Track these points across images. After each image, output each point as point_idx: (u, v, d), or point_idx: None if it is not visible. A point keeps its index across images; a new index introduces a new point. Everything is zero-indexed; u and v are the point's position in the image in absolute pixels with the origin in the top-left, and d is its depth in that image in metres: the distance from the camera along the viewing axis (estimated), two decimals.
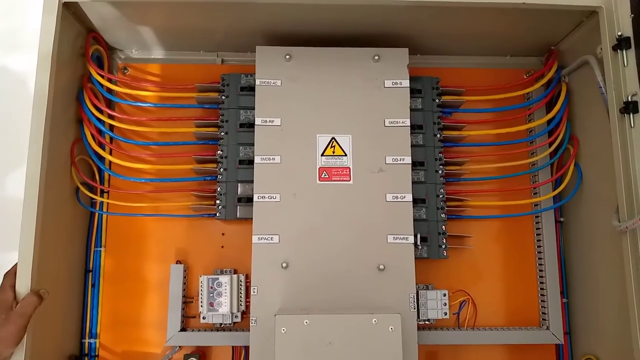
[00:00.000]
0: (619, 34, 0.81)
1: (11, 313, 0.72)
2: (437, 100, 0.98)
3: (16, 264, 0.76)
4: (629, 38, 0.81)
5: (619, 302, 0.82)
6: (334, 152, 0.92)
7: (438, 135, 0.97)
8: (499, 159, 0.99)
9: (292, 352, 0.77)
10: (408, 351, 0.84)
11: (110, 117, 0.96)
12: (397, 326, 0.78)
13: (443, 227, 0.94)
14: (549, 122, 0.99)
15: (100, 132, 0.96)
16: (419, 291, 0.92)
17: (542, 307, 0.98)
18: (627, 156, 0.79)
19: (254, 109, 0.92)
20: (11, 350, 0.72)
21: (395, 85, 0.94)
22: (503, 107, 1.00)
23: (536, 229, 1.00)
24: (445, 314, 0.92)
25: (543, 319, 0.97)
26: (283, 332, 0.78)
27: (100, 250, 0.97)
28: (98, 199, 0.96)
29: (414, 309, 0.86)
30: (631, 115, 0.79)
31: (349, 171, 0.91)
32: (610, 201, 0.83)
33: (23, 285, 0.75)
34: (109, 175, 0.97)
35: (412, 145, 0.93)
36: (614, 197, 0.81)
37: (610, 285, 0.87)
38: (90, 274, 0.96)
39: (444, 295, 0.92)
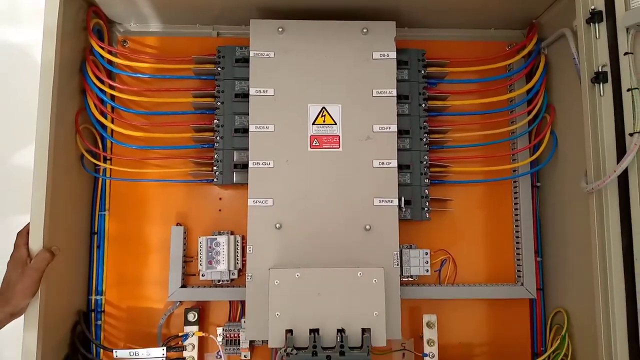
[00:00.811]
0: (592, 7, 0.86)
1: (26, 268, 0.78)
2: (422, 72, 1.03)
3: (28, 224, 0.82)
4: (601, 12, 0.85)
5: (586, 260, 0.89)
6: (324, 121, 0.97)
7: (423, 105, 1.02)
8: (481, 128, 1.05)
9: (284, 302, 0.85)
10: (391, 303, 0.91)
11: (111, 87, 1.01)
12: (380, 279, 0.85)
13: (426, 191, 1.00)
14: (528, 92, 1.04)
15: (102, 101, 1.01)
16: (403, 250, 0.99)
17: (517, 265, 1.05)
18: (595, 123, 0.85)
19: (248, 80, 0.97)
20: (27, 302, 0.79)
21: (382, 57, 0.99)
22: (486, 78, 1.06)
23: (514, 193, 1.07)
24: (427, 270, 0.99)
25: (518, 276, 1.04)
26: (276, 284, 0.85)
27: (105, 214, 1.03)
28: (102, 165, 1.02)
29: (397, 265, 0.94)
30: (601, 84, 0.85)
31: (339, 139, 0.97)
32: (582, 166, 0.89)
33: (36, 243, 0.81)
34: (112, 142, 1.02)
35: (398, 115, 0.99)
36: (585, 162, 0.87)
37: (579, 245, 0.93)
38: (96, 236, 1.03)
39: (426, 254, 0.99)
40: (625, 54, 0.82)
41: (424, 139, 1.01)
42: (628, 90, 0.81)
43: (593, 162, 0.85)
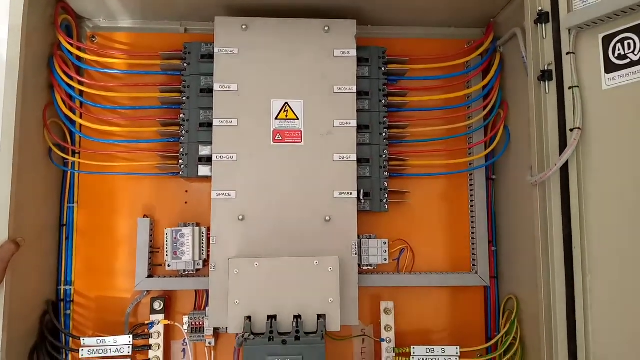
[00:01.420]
0: (540, 9, 0.90)
1: None
2: (383, 69, 1.07)
3: None
4: (547, 13, 0.89)
5: (533, 250, 0.94)
6: (287, 116, 1.01)
7: (383, 101, 1.06)
8: (439, 123, 1.09)
9: (243, 290, 0.88)
10: (349, 291, 0.96)
11: (80, 83, 1.04)
12: (335, 267, 0.90)
13: (385, 183, 1.04)
14: (484, 88, 1.08)
15: (70, 97, 1.03)
16: (362, 240, 1.03)
17: (472, 254, 1.10)
18: (541, 119, 0.90)
19: (213, 76, 1.00)
20: None
21: (343, 55, 1.03)
22: (445, 75, 1.10)
23: (470, 185, 1.11)
24: (385, 259, 1.03)
25: (473, 265, 1.09)
26: (236, 273, 0.89)
27: (74, 207, 1.06)
28: (70, 159, 1.04)
29: (355, 254, 0.98)
30: (547, 82, 0.89)
31: (301, 133, 1.00)
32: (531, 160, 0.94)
33: (0, 234, 0.84)
34: (80, 137, 1.05)
35: (359, 110, 1.03)
36: None
37: (529, 235, 0.98)
38: (65, 228, 1.05)
39: (384, 243, 1.04)
40: (568, 53, 0.86)
41: (384, 134, 1.05)
42: (569, 88, 0.86)
43: (538, 156, 0.90)
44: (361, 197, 1.01)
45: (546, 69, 0.89)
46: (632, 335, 0.76)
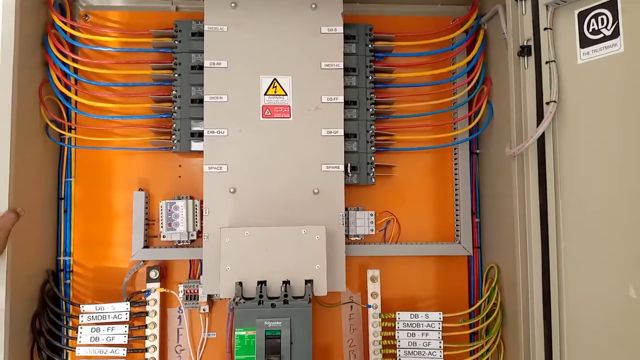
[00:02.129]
0: None
1: None
2: (369, 46, 1.09)
3: None
4: None
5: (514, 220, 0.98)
6: (275, 92, 1.04)
7: (370, 78, 1.09)
8: (425, 99, 1.12)
9: (234, 258, 0.93)
10: (337, 259, 1.00)
11: (74, 60, 1.06)
12: (322, 236, 0.94)
13: (372, 158, 1.08)
14: (468, 64, 1.11)
15: (65, 74, 1.05)
16: (350, 212, 1.07)
17: (456, 225, 1.14)
18: (519, 93, 0.93)
19: (203, 53, 1.03)
20: None
21: (330, 32, 1.05)
22: (430, 52, 1.12)
23: (454, 159, 1.15)
24: (372, 230, 1.07)
25: (457, 235, 1.14)
26: (227, 241, 0.93)
27: (71, 181, 1.09)
28: (66, 134, 1.07)
29: (343, 225, 1.02)
30: (526, 58, 0.92)
31: (289, 109, 1.03)
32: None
33: (1, 205, 0.87)
34: (75, 113, 1.08)
35: (346, 86, 1.06)
36: None
37: (509, 206, 1.02)
38: (63, 201, 1.09)
39: (371, 215, 1.08)
40: (545, 29, 0.89)
41: (371, 110, 1.08)
42: (547, 62, 0.89)
43: (516, 129, 0.94)
44: (348, 171, 1.05)
45: (525, 44, 0.92)
46: (603, 297, 0.81)
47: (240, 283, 0.92)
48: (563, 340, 0.87)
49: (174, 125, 1.05)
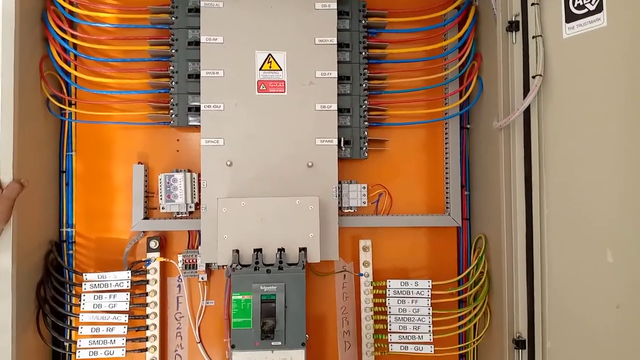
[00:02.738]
0: None
1: None
2: (363, 22, 1.11)
3: None
4: None
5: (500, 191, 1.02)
6: (270, 67, 1.06)
7: (363, 53, 1.11)
8: (417, 74, 1.14)
9: (231, 227, 0.97)
10: (330, 230, 1.04)
11: (73, 36, 1.08)
12: (315, 206, 0.98)
13: (365, 132, 1.11)
14: (459, 40, 1.13)
15: (64, 49, 1.08)
16: (343, 184, 1.11)
17: (446, 198, 1.18)
18: (507, 67, 0.96)
19: (200, 29, 1.05)
20: (1, 227, 0.89)
21: (324, 8, 1.07)
22: (423, 28, 1.14)
23: (445, 134, 1.18)
24: (364, 202, 1.11)
25: (447, 207, 1.17)
26: (224, 211, 0.97)
27: (72, 155, 1.12)
28: (67, 109, 1.10)
29: (336, 197, 1.05)
30: (514, 33, 0.95)
31: (284, 84, 1.06)
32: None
33: (6, 176, 0.91)
34: (75, 88, 1.10)
35: (340, 62, 1.08)
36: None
37: (496, 179, 1.05)
38: (64, 174, 1.12)
39: (364, 187, 1.11)
40: (533, 4, 0.92)
41: (364, 85, 1.11)
42: (533, 37, 0.91)
43: (503, 103, 0.97)
44: (342, 145, 1.08)
45: (513, 19, 0.95)
46: (583, 262, 0.85)
47: (237, 251, 0.95)
48: (545, 305, 0.92)
49: (172, 100, 1.07)
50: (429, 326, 1.07)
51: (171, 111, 1.07)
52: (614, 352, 0.80)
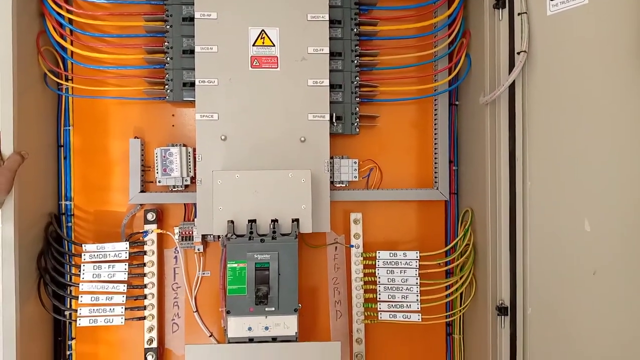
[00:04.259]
0: None
1: (0, 168, 0.91)
2: None
3: None
4: None
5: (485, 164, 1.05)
6: (263, 43, 1.08)
7: (355, 30, 1.13)
8: (407, 51, 1.17)
9: (226, 198, 1.00)
10: (322, 203, 1.08)
11: (69, 12, 1.10)
12: (307, 178, 1.01)
13: (356, 108, 1.13)
14: (449, 17, 1.16)
15: (60, 25, 1.09)
16: (335, 159, 1.14)
17: (435, 173, 1.21)
18: (494, 44, 0.99)
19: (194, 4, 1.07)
20: (3, 198, 0.92)
21: None
22: (413, 5, 1.16)
23: (434, 110, 1.21)
24: (355, 177, 1.14)
25: (435, 182, 1.21)
26: (219, 183, 1.00)
27: (69, 129, 1.15)
28: (64, 83, 1.12)
29: (328, 171, 1.09)
30: (500, 10, 0.97)
31: (277, 60, 1.08)
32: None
33: (7, 148, 0.93)
34: (72, 63, 1.12)
35: (331, 38, 1.10)
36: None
37: (483, 153, 1.08)
38: (62, 148, 1.15)
39: (355, 163, 1.15)
40: None
41: (355, 61, 1.13)
42: (519, 14, 0.94)
43: (489, 79, 1.00)
44: (334, 121, 1.11)
45: None
46: (562, 231, 0.89)
47: (232, 221, 0.99)
48: (526, 274, 0.96)
49: (167, 76, 1.09)
50: (417, 295, 1.11)
51: (166, 86, 1.10)
52: (590, 316, 0.85)
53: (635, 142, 0.78)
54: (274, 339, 0.96)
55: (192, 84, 1.08)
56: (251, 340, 0.96)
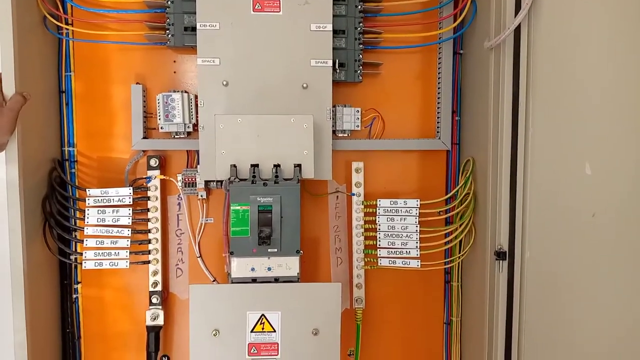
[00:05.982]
0: None
1: (2, 109, 0.91)
2: None
3: None
4: None
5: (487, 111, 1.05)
6: None
7: None
8: None
9: (228, 143, 1.00)
10: (324, 151, 1.08)
11: None
12: (309, 124, 1.01)
13: (359, 55, 1.12)
14: None
15: None
16: (337, 108, 1.13)
17: (437, 123, 1.21)
18: None
19: None
20: (7, 138, 0.92)
21: None
22: None
23: (438, 59, 1.20)
24: (358, 126, 1.14)
25: (437, 132, 1.21)
26: (221, 127, 1.00)
27: (70, 75, 1.14)
28: (64, 26, 1.11)
29: (330, 119, 1.08)
30: None
31: (279, 3, 1.06)
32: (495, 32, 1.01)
33: (9, 89, 0.93)
34: (72, 6, 1.10)
35: None
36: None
37: (486, 101, 1.08)
38: (64, 94, 1.14)
39: (357, 111, 1.14)
40: None
41: (359, 6, 1.11)
42: None
43: (495, 23, 0.98)
44: (336, 67, 1.10)
45: None
46: (563, 176, 0.89)
47: (235, 166, 1.00)
48: (526, 218, 0.97)
49: (168, 20, 1.08)
50: (417, 242, 1.13)
51: (167, 31, 1.08)
52: (588, 257, 0.86)
53: (639, 84, 0.77)
54: (277, 280, 0.99)
55: (194, 29, 1.07)
56: (254, 280, 0.98)
